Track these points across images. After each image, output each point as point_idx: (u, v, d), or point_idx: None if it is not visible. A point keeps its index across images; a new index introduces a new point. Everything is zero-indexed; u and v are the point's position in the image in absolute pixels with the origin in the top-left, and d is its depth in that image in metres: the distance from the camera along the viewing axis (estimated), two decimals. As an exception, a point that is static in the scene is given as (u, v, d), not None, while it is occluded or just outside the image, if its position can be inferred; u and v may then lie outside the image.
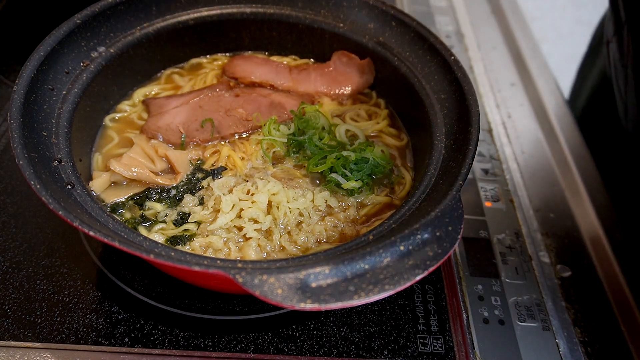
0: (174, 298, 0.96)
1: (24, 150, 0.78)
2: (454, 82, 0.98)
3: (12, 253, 1.00)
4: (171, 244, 0.91)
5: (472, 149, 0.85)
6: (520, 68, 1.62)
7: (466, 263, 1.07)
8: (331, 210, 0.98)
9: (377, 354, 0.92)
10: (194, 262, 0.70)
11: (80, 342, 0.89)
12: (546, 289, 1.05)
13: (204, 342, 0.90)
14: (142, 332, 0.91)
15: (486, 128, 1.41)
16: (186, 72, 1.25)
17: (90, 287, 0.97)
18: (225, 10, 1.19)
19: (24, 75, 0.87)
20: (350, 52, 1.20)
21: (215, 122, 1.11)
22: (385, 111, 1.19)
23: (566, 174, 1.30)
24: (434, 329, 0.96)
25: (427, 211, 0.76)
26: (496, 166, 1.29)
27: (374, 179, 1.04)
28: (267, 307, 0.96)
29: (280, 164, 1.06)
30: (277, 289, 0.63)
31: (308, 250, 0.92)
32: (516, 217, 1.17)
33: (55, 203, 0.72)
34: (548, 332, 0.98)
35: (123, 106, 1.14)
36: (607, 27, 1.33)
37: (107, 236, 0.70)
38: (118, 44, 1.06)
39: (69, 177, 0.84)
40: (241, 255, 0.90)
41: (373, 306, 0.98)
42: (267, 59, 1.27)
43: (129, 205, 0.97)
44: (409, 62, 1.09)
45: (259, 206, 0.93)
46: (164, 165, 1.03)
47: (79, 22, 0.98)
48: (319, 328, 0.94)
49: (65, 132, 0.91)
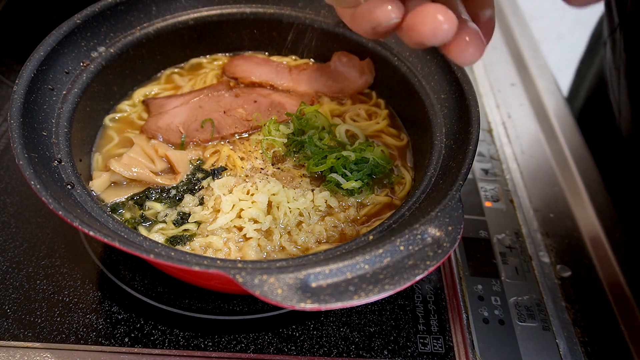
0: (174, 298, 0.96)
1: (24, 150, 0.78)
2: (454, 82, 0.98)
3: (12, 253, 1.00)
4: (171, 244, 0.91)
5: (472, 149, 0.85)
6: (520, 68, 1.62)
7: (466, 263, 1.07)
8: (331, 210, 0.98)
9: (377, 354, 0.92)
10: (194, 262, 0.70)
11: (80, 342, 0.89)
12: (546, 289, 1.05)
13: (204, 342, 0.90)
14: (142, 332, 0.91)
15: (486, 128, 1.41)
16: (186, 72, 1.25)
17: (90, 287, 0.97)
18: (225, 10, 1.19)
19: (24, 75, 0.87)
20: (350, 52, 1.20)
21: (215, 122, 1.11)
22: (385, 111, 1.19)
23: (566, 174, 1.30)
24: (434, 329, 0.96)
25: (427, 211, 0.76)
26: (496, 166, 1.29)
27: (374, 179, 1.04)
28: (267, 307, 0.96)
29: (280, 164, 1.06)
30: (277, 289, 0.63)
31: (308, 250, 0.92)
32: (516, 217, 1.17)
33: (55, 203, 0.72)
34: (548, 332, 0.98)
35: (123, 106, 1.14)
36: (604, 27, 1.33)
37: (107, 236, 0.70)
38: (118, 44, 1.06)
39: (69, 177, 0.84)
40: (241, 255, 0.90)
41: (373, 306, 0.98)
42: (267, 59, 1.27)
43: (129, 205, 0.97)
44: (409, 62, 1.09)
45: (259, 206, 0.94)
46: (164, 165, 1.03)
47: (79, 22, 0.98)
48: (319, 328, 0.94)
49: (65, 132, 0.91)
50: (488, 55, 1.67)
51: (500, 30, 1.77)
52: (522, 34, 1.73)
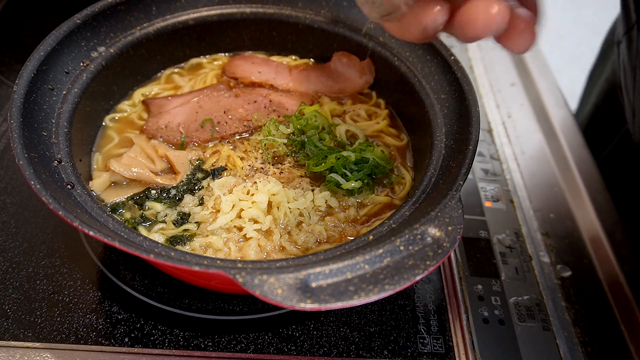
0: (174, 298, 0.96)
1: (24, 150, 0.78)
2: (454, 82, 0.98)
3: (12, 253, 1.00)
4: (171, 244, 0.91)
5: (472, 149, 0.85)
6: (520, 68, 1.62)
7: (466, 263, 1.07)
8: (331, 210, 0.98)
9: (377, 354, 0.92)
10: (194, 262, 0.70)
11: (80, 342, 0.89)
12: (546, 289, 1.05)
13: (204, 342, 0.90)
14: (142, 332, 0.91)
15: (486, 128, 1.41)
16: (186, 72, 1.25)
17: (90, 287, 0.97)
18: (225, 10, 1.19)
19: (24, 75, 0.87)
20: (350, 52, 1.20)
21: (215, 122, 1.11)
22: (385, 111, 1.19)
23: (566, 174, 1.30)
24: (434, 329, 0.96)
25: (427, 211, 0.76)
26: (496, 166, 1.29)
27: (374, 179, 1.04)
28: (267, 307, 0.96)
29: (280, 164, 1.06)
30: (277, 289, 0.63)
31: (308, 250, 0.92)
32: (516, 217, 1.17)
33: (55, 203, 0.72)
34: (548, 332, 0.98)
35: (123, 106, 1.14)
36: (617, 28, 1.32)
37: (107, 236, 0.70)
38: (118, 44, 1.06)
39: (69, 177, 0.84)
40: (241, 255, 0.90)
41: (373, 306, 0.98)
42: (267, 59, 1.27)
43: (129, 205, 0.97)
44: (409, 62, 1.09)
45: (259, 206, 0.94)
46: (164, 165, 1.03)
47: (79, 22, 0.98)
48: (319, 328, 0.94)
49: (65, 132, 0.91)
50: (488, 55, 1.67)
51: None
52: (522, 34, 1.72)
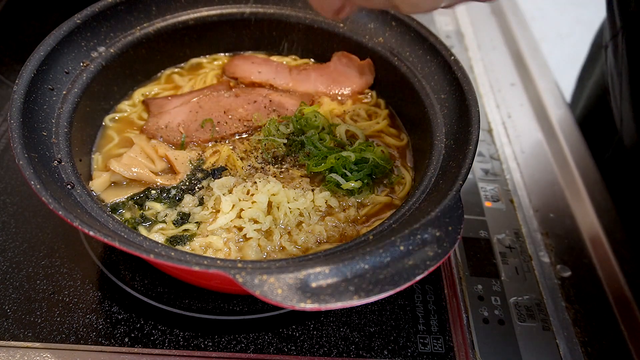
0: (174, 298, 0.96)
1: (24, 150, 0.78)
2: (454, 82, 0.98)
3: (12, 253, 1.00)
4: (171, 244, 0.91)
5: (472, 149, 0.85)
6: (520, 68, 1.62)
7: (466, 263, 1.07)
8: (331, 210, 0.98)
9: (377, 354, 0.92)
10: (194, 262, 0.70)
11: (80, 342, 0.89)
12: (546, 289, 1.05)
13: (204, 342, 0.90)
14: (142, 332, 0.91)
15: (486, 128, 1.41)
16: (186, 72, 1.25)
17: (90, 287, 0.97)
18: (225, 10, 1.19)
19: (24, 75, 0.87)
20: (350, 52, 1.20)
21: (215, 122, 1.11)
22: (385, 111, 1.19)
23: (566, 174, 1.30)
24: (434, 329, 0.96)
25: (427, 211, 0.76)
26: (496, 166, 1.29)
27: (374, 179, 1.04)
28: (267, 307, 0.96)
29: (280, 164, 1.06)
30: (277, 289, 0.63)
31: (308, 250, 0.92)
32: (516, 217, 1.17)
33: (55, 203, 0.72)
34: (548, 332, 0.98)
35: (123, 106, 1.14)
36: (605, 30, 1.31)
37: (107, 236, 0.70)
38: (118, 44, 1.06)
39: (69, 177, 0.84)
40: (241, 255, 0.90)
41: (373, 306, 0.98)
42: (267, 59, 1.27)
43: (129, 205, 0.96)
44: (409, 62, 1.09)
45: (259, 206, 0.93)
46: (164, 165, 1.03)
47: (79, 22, 0.98)
48: (319, 328, 0.94)
49: (65, 132, 0.91)
50: (488, 55, 1.67)
51: (500, 30, 1.77)
52: (522, 34, 1.73)
